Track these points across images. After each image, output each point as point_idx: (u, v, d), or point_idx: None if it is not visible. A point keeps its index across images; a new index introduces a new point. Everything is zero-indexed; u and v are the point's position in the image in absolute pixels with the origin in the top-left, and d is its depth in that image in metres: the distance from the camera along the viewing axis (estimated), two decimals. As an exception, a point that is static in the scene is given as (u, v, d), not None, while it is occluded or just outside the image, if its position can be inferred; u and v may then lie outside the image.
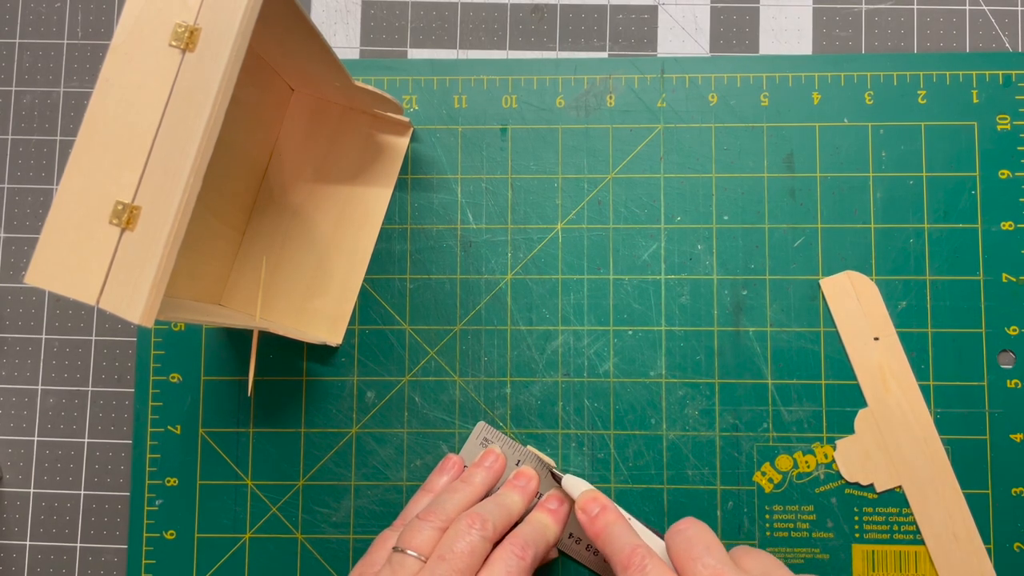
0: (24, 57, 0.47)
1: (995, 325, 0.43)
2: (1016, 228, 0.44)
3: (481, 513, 0.36)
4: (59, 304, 0.46)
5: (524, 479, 0.40)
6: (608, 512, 0.38)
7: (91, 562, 0.44)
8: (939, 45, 0.46)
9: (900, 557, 0.42)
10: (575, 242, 0.45)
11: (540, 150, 0.45)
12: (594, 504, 0.38)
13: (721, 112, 0.45)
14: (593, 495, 0.39)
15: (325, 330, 0.44)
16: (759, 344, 0.44)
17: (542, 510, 0.40)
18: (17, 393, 0.45)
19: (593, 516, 0.38)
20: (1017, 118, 0.44)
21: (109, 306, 0.28)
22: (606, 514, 0.38)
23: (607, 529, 0.37)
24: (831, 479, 0.43)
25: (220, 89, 0.29)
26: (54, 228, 0.29)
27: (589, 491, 0.39)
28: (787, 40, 0.46)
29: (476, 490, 0.39)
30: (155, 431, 0.44)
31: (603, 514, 0.38)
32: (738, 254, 0.44)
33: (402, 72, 0.46)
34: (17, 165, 0.46)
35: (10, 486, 0.45)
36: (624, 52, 0.46)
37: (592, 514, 0.38)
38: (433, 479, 0.42)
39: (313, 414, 0.44)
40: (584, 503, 0.38)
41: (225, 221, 0.42)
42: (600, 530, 0.37)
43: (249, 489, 0.44)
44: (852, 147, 0.44)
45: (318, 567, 0.43)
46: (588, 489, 0.39)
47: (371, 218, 0.45)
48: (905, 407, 0.43)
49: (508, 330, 0.44)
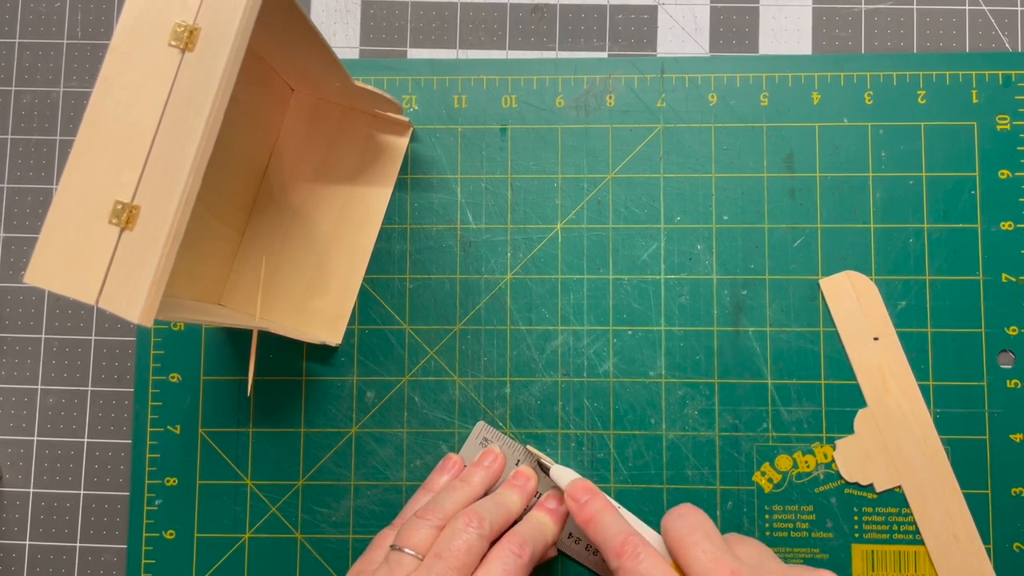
0: (24, 57, 0.47)
1: (995, 325, 0.43)
2: (1016, 228, 0.44)
3: (478, 511, 0.36)
4: (59, 304, 0.46)
5: (523, 479, 0.40)
6: (597, 499, 0.38)
7: (91, 562, 0.44)
8: (939, 45, 0.46)
9: (900, 557, 0.42)
10: (575, 242, 0.45)
11: (540, 150, 0.45)
12: (583, 492, 0.38)
13: (721, 112, 0.45)
14: (583, 483, 0.38)
15: (325, 330, 0.44)
16: (759, 344, 0.44)
17: (541, 509, 0.40)
18: (17, 393, 0.45)
19: (582, 503, 0.37)
20: (1017, 118, 0.44)
21: (108, 306, 0.28)
22: (595, 501, 0.37)
23: (596, 516, 0.37)
24: (831, 479, 0.43)
25: (220, 89, 0.29)
26: (54, 228, 0.29)
27: (578, 480, 0.39)
28: (787, 40, 0.46)
29: (475, 489, 0.39)
30: (155, 431, 0.44)
31: (592, 501, 0.37)
32: (738, 254, 0.44)
33: (402, 72, 0.46)
34: (17, 165, 0.46)
35: (10, 486, 0.45)
36: (624, 52, 0.46)
37: (581, 501, 0.38)
38: (433, 478, 0.42)
39: (313, 414, 0.44)
40: (573, 491, 0.38)
41: (225, 221, 0.42)
42: (589, 517, 0.37)
43: (249, 489, 0.44)
44: (852, 147, 0.44)
45: (318, 567, 0.43)
46: (577, 478, 0.39)
47: (371, 218, 0.45)
48: (905, 407, 0.43)
49: (508, 330, 0.44)
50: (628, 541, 0.35)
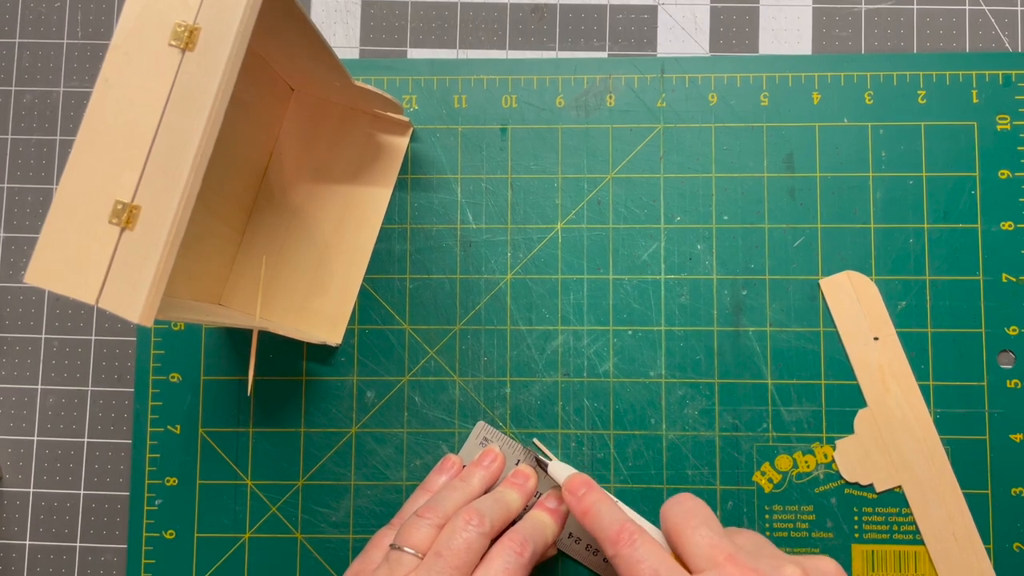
0: (24, 57, 0.47)
1: (995, 325, 0.43)
2: (1016, 228, 0.44)
3: (479, 509, 0.36)
4: (59, 304, 0.46)
5: (522, 477, 0.40)
6: (593, 492, 0.38)
7: (91, 562, 0.44)
8: (939, 45, 0.46)
9: (900, 557, 0.42)
10: (575, 242, 0.45)
11: (540, 150, 0.45)
12: (581, 485, 0.38)
13: (721, 112, 0.45)
14: (580, 477, 0.39)
15: (325, 330, 0.44)
16: (759, 344, 0.44)
17: (541, 508, 0.40)
18: (17, 393, 0.45)
19: (580, 496, 0.38)
20: (1017, 118, 0.44)
21: (109, 305, 0.28)
22: (592, 493, 0.37)
23: (594, 507, 0.37)
24: (831, 479, 0.43)
25: (220, 89, 0.29)
26: (54, 228, 0.29)
27: (576, 474, 0.39)
28: (787, 40, 0.46)
29: (474, 488, 0.39)
30: (155, 431, 0.44)
31: (589, 494, 0.37)
32: (738, 254, 0.44)
33: (402, 72, 0.46)
34: (17, 165, 0.46)
35: (10, 486, 0.45)
36: (624, 52, 0.46)
37: (579, 495, 0.38)
38: (432, 478, 0.42)
39: (313, 414, 0.44)
40: (571, 485, 0.38)
41: (225, 221, 0.42)
42: (587, 508, 0.37)
43: (249, 489, 0.44)
44: (852, 147, 0.44)
45: (318, 567, 0.43)
46: (575, 473, 0.39)
47: (371, 218, 0.45)
48: (905, 407, 0.43)
49: (508, 330, 0.44)
50: (624, 529, 0.35)
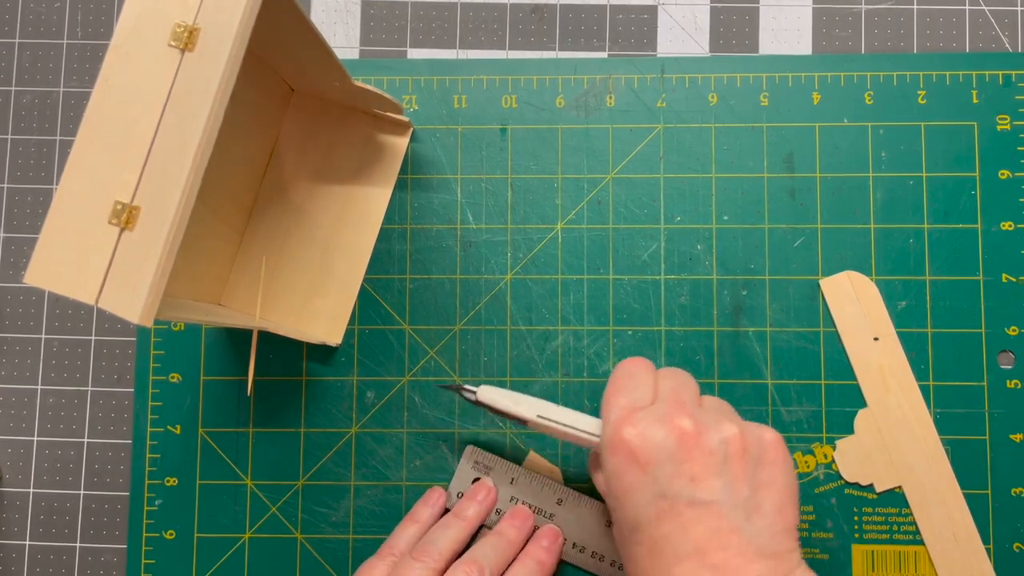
0: (24, 57, 0.47)
1: (995, 325, 0.43)
2: (1016, 228, 0.44)
3: (478, 560, 0.37)
4: (59, 304, 0.46)
5: (520, 519, 0.41)
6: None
7: (91, 562, 0.44)
8: (939, 45, 0.46)
9: (900, 557, 0.42)
10: (575, 242, 0.45)
11: (540, 150, 0.45)
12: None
13: (721, 112, 0.45)
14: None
15: (325, 330, 0.44)
16: (759, 344, 0.44)
17: (537, 548, 0.40)
18: (17, 393, 0.45)
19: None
20: (1017, 118, 0.44)
21: (108, 306, 0.28)
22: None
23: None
24: (831, 479, 0.43)
25: (219, 89, 0.29)
26: (53, 228, 0.29)
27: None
28: (787, 40, 0.46)
29: (469, 525, 0.40)
30: (155, 431, 0.44)
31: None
32: (738, 254, 0.44)
33: (402, 72, 0.46)
34: (17, 165, 0.46)
35: (10, 486, 0.45)
36: (624, 52, 0.46)
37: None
38: (418, 509, 0.42)
39: (313, 414, 0.44)
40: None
41: (225, 221, 0.42)
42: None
43: (249, 489, 0.44)
44: (852, 147, 0.44)
45: (318, 567, 0.43)
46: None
47: (371, 218, 0.45)
48: (905, 407, 0.43)
49: (508, 330, 0.44)
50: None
